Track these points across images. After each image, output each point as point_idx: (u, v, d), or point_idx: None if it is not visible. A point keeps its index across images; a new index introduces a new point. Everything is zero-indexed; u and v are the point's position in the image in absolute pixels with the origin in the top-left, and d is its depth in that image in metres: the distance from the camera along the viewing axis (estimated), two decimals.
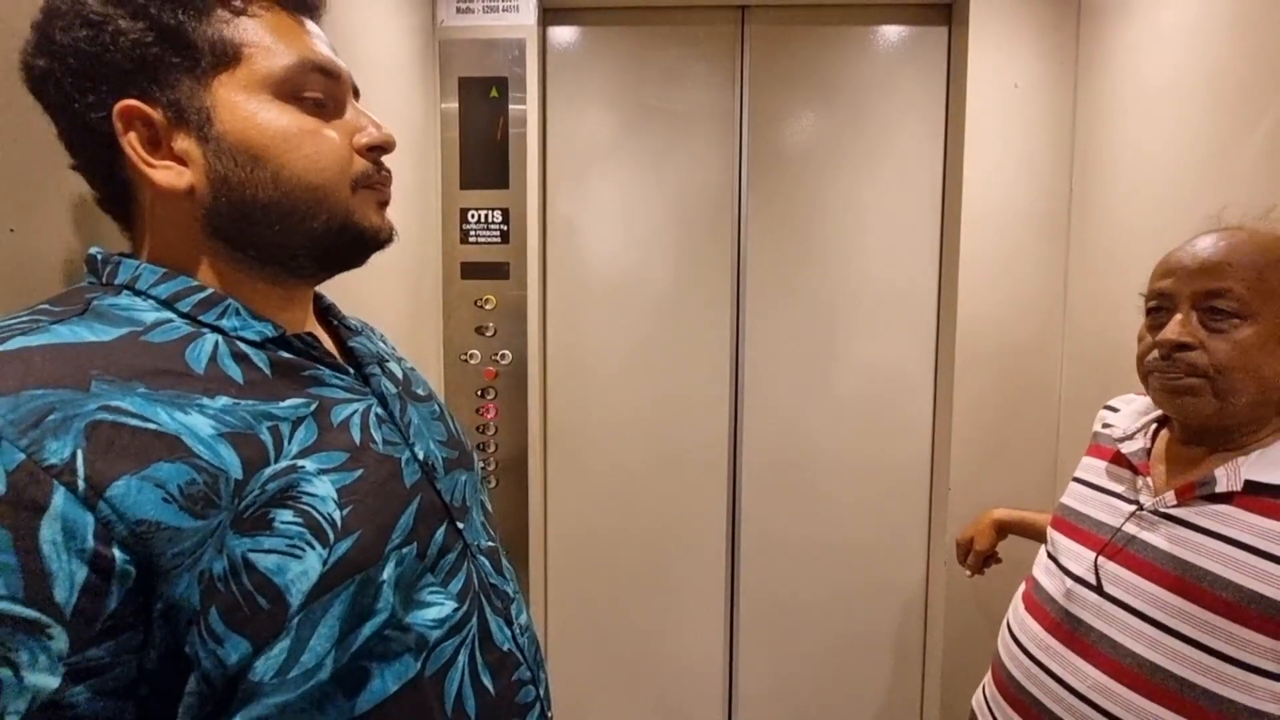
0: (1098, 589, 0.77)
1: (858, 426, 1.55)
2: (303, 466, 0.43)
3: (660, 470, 1.58)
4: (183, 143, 0.45)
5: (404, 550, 0.46)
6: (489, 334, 1.46)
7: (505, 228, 1.44)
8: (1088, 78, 1.32)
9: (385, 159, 0.52)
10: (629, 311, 1.55)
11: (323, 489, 0.43)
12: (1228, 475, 0.70)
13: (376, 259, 0.53)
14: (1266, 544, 0.66)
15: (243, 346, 0.45)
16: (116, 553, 0.35)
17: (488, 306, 1.46)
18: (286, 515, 0.41)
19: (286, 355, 0.48)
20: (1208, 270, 0.70)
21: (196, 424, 0.39)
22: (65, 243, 0.56)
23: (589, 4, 1.48)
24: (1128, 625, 0.73)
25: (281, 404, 0.44)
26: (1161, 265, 0.76)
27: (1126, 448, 0.83)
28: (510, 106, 1.41)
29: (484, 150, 1.42)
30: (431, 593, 0.48)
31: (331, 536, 0.42)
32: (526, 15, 1.39)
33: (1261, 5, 0.92)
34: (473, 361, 1.47)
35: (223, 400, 0.42)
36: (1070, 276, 1.38)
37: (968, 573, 1.19)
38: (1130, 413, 0.88)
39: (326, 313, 0.60)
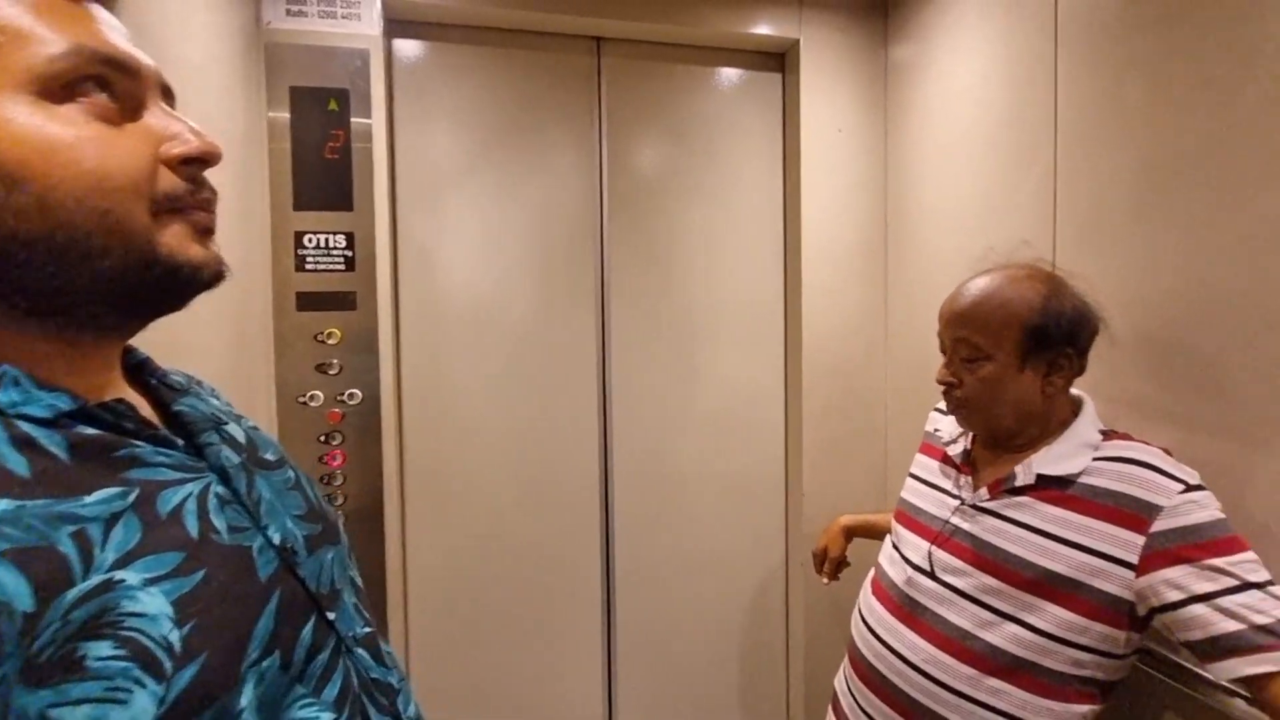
0: (931, 574, 0.89)
1: (720, 444, 1.62)
2: (122, 580, 0.33)
3: (531, 505, 1.52)
4: None
5: (264, 664, 0.38)
6: (333, 371, 1.31)
7: (350, 254, 1.30)
8: (895, 127, 1.53)
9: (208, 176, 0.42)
10: (491, 341, 1.48)
11: (152, 605, 0.34)
12: (1024, 472, 0.85)
13: None
14: (1054, 528, 0.80)
15: (26, 428, 0.35)
16: None
17: (330, 341, 1.30)
18: (103, 649, 0.31)
19: (90, 432, 0.37)
20: (955, 322, 0.88)
21: None
22: None
23: (438, 19, 1.41)
24: (954, 604, 0.85)
25: (88, 499, 0.35)
26: (940, 309, 0.92)
27: (952, 450, 0.97)
28: (353, 120, 1.28)
29: (322, 168, 1.28)
30: (303, 707, 0.40)
31: (169, 666, 0.33)
32: (369, 25, 1.28)
33: (1028, 75, 1.13)
34: (314, 403, 1.30)
35: (2, 505, 0.32)
36: (889, 299, 1.58)
37: (825, 580, 1.29)
38: (954, 419, 1.02)
39: (140, 370, 0.48)
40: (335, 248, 1.30)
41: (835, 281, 1.55)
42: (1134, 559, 0.75)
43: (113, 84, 0.38)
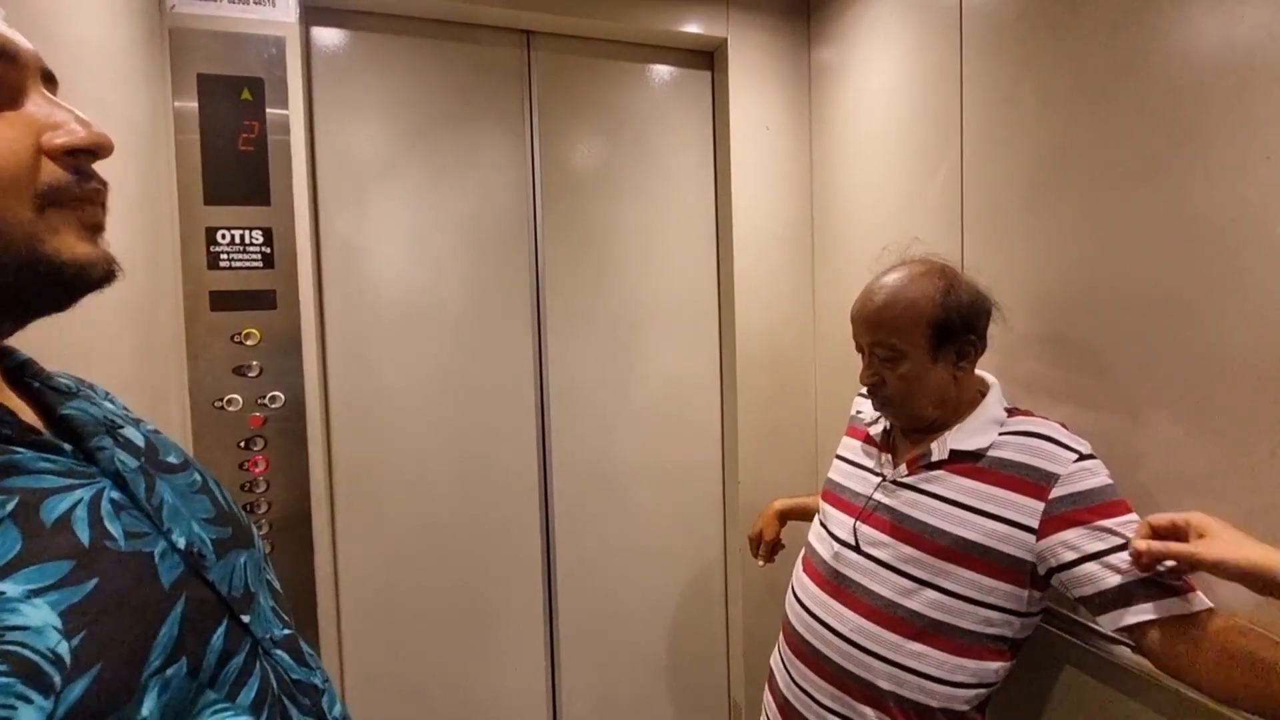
0: (856, 548, 0.93)
1: (658, 434, 1.64)
2: (1, 592, 0.32)
3: (469, 504, 1.50)
4: None
5: (169, 672, 0.37)
6: (252, 374, 1.25)
7: (268, 250, 1.25)
8: (818, 126, 1.58)
9: (102, 169, 0.40)
10: (422, 339, 1.45)
11: (37, 617, 0.33)
12: (938, 448, 0.91)
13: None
14: (965, 498, 0.86)
15: None
16: None
17: (249, 342, 1.24)
18: None
19: None
20: (868, 327, 0.92)
21: None
22: None
23: (359, 7, 1.36)
24: (878, 575, 0.90)
25: None
26: (851, 313, 0.96)
27: (873, 430, 1.02)
28: (269, 111, 1.22)
29: (235, 160, 1.21)
30: (216, 713, 0.39)
31: (57, 680, 0.32)
32: (285, 11, 1.22)
33: (936, 77, 1.20)
34: (232, 408, 1.24)
35: None
36: (817, 292, 1.64)
37: (760, 563, 1.33)
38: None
39: (19, 372, 0.46)
40: (252, 244, 1.24)
41: (765, 275, 1.60)
42: (1035, 523, 0.81)
43: None
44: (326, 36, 1.36)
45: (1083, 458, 0.82)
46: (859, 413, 1.11)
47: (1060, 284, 0.97)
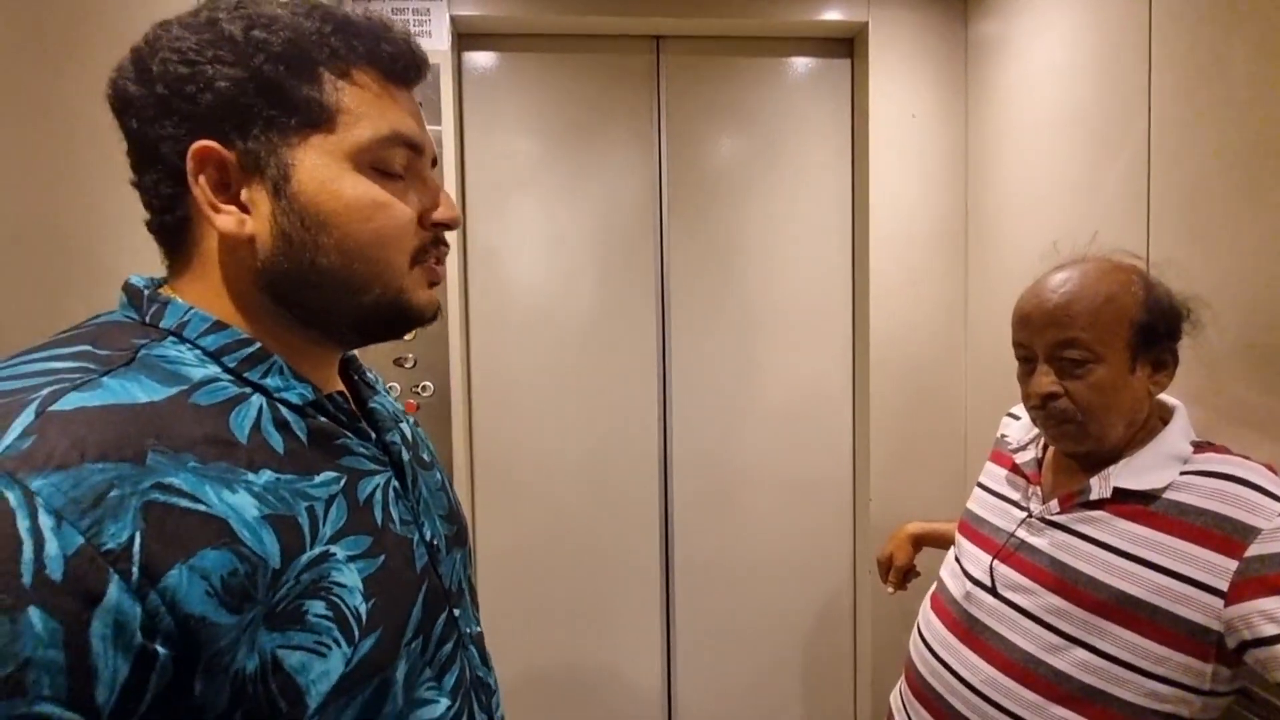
0: (992, 590, 0.82)
1: (783, 443, 1.58)
2: (334, 554, 0.40)
3: (593, 497, 1.56)
4: (253, 192, 0.43)
5: (413, 645, 0.44)
6: (408, 365, 1.40)
7: None
8: (976, 109, 1.42)
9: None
10: (555, 337, 1.53)
11: (351, 579, 0.41)
12: (1100, 485, 0.76)
13: None
14: (1132, 547, 0.72)
15: (284, 411, 0.43)
16: (159, 648, 0.32)
17: (406, 337, 1.39)
18: (318, 607, 0.38)
19: (323, 420, 0.45)
20: (1054, 323, 0.76)
21: (243, 504, 0.37)
22: None
23: (505, 30, 1.47)
24: (1016, 623, 0.78)
25: (316, 480, 0.42)
26: (1016, 313, 0.81)
27: (1020, 458, 0.89)
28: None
29: None
30: (428, 689, 0.45)
31: (357, 633, 0.40)
32: (440, 40, 1.36)
33: (1116, 52, 1.02)
34: (392, 394, 1.39)
35: (266, 475, 0.39)
36: (969, 292, 1.47)
37: (890, 589, 1.23)
38: (1025, 423, 0.94)
39: (346, 365, 0.55)
40: None
41: (906, 275, 1.47)
42: (1223, 585, 0.66)
43: (405, 159, 0.46)
44: (474, 59, 1.49)
45: None
46: (1004, 436, 0.98)
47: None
